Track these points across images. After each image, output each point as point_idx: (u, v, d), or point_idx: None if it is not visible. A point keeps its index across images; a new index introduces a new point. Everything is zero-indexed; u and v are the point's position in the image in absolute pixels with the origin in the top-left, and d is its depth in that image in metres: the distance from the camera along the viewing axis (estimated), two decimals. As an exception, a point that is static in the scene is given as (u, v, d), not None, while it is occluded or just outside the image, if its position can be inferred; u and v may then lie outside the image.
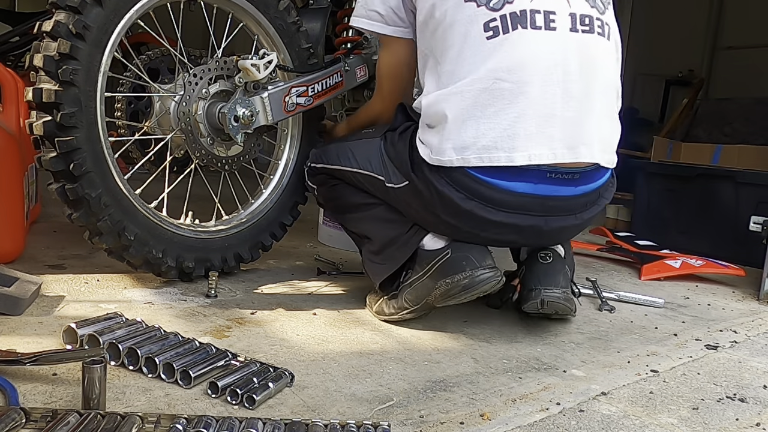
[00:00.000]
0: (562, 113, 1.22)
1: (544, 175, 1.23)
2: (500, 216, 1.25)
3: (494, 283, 1.27)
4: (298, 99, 1.60)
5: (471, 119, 1.21)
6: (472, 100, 1.21)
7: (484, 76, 1.21)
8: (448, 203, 1.25)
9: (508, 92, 1.20)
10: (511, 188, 1.23)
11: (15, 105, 1.80)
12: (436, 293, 1.30)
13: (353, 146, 1.47)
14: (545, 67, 1.21)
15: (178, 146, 1.55)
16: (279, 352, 1.15)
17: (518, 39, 1.21)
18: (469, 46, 1.23)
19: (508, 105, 1.20)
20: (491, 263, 1.29)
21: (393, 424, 0.91)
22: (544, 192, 1.24)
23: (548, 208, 1.27)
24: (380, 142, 1.41)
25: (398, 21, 1.41)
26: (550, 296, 1.32)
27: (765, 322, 1.71)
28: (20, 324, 1.16)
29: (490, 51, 1.21)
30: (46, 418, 0.81)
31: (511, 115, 1.20)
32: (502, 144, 1.20)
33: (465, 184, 1.24)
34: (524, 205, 1.25)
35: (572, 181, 1.26)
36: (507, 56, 1.21)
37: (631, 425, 0.99)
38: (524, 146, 1.20)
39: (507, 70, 1.20)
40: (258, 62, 1.50)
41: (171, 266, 1.45)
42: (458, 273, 1.27)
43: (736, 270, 2.19)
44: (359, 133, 1.53)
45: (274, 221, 1.71)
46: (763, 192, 2.45)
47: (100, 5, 1.28)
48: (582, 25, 1.25)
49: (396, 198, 1.37)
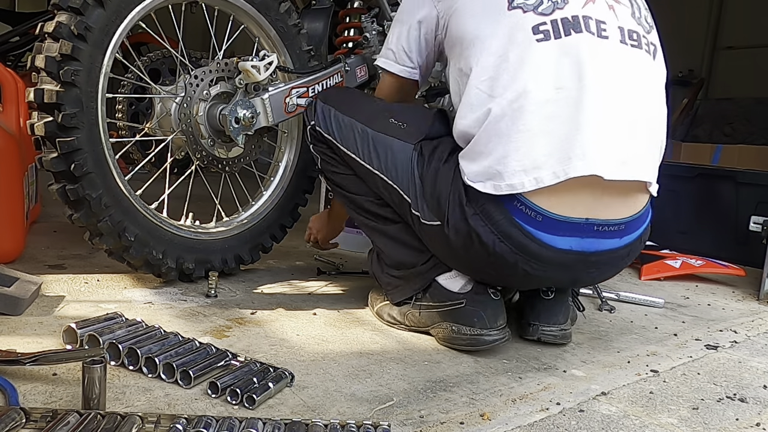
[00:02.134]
0: (617, 126, 1.14)
1: (591, 228, 1.14)
2: (540, 271, 1.19)
3: (499, 345, 1.24)
4: (298, 100, 1.60)
5: (540, 134, 1.11)
6: (537, 111, 1.11)
7: (543, 85, 1.12)
8: (491, 254, 1.16)
9: (573, 101, 1.11)
10: (556, 245, 1.14)
11: (15, 105, 1.80)
12: (439, 331, 1.28)
13: (377, 139, 1.31)
14: (600, 74, 1.13)
15: (179, 147, 1.55)
16: (279, 352, 1.15)
17: (572, 43, 1.13)
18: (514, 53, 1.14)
19: (574, 115, 1.11)
20: (502, 323, 1.25)
21: (393, 424, 0.91)
22: (589, 248, 1.16)
23: (590, 264, 1.20)
24: (413, 152, 1.26)
25: (407, 61, 1.39)
26: (547, 335, 1.32)
27: (765, 322, 1.71)
28: (20, 324, 1.16)
29: (542, 56, 1.13)
30: (46, 418, 0.81)
31: (574, 126, 1.11)
32: (569, 154, 1.10)
33: (513, 237, 1.14)
34: (566, 261, 1.17)
35: (618, 233, 1.18)
36: (565, 61, 1.12)
37: (631, 425, 0.99)
38: (583, 157, 1.10)
39: (568, 77, 1.12)
40: (258, 64, 1.50)
41: (171, 267, 1.46)
42: (466, 326, 1.24)
43: (736, 270, 2.19)
44: (384, 118, 1.34)
45: (275, 223, 1.71)
46: (763, 192, 2.44)
47: (102, 6, 1.28)
48: (630, 40, 1.18)
49: (421, 229, 1.26)
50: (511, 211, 1.13)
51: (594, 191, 1.13)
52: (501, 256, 1.16)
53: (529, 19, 1.15)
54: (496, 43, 1.16)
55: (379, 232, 1.38)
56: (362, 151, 1.32)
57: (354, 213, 1.43)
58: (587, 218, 1.13)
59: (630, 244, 1.22)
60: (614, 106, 1.14)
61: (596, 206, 1.14)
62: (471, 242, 1.17)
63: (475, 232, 1.15)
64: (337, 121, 1.38)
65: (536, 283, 1.31)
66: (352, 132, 1.34)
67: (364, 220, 1.40)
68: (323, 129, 1.40)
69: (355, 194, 1.39)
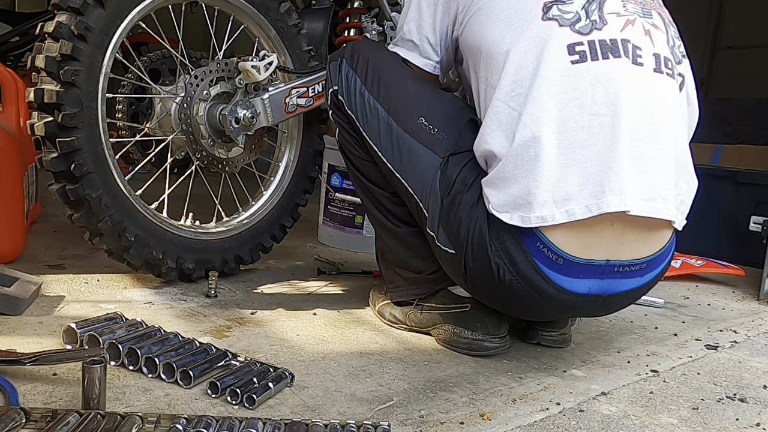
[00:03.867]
0: (649, 160, 1.06)
1: (611, 270, 1.09)
2: (553, 312, 1.19)
3: (498, 352, 1.24)
4: (298, 100, 1.60)
5: (573, 163, 1.03)
6: (572, 138, 1.03)
7: (578, 111, 1.04)
8: (505, 291, 1.11)
9: (608, 129, 1.03)
10: (574, 289, 1.08)
11: (15, 105, 1.80)
12: (440, 332, 1.28)
13: (403, 139, 1.20)
14: (634, 103, 1.05)
15: (179, 148, 1.55)
16: (279, 352, 1.15)
17: (609, 68, 1.05)
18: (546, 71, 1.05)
19: (609, 144, 1.03)
20: (504, 332, 1.24)
21: (393, 424, 0.91)
22: (608, 289, 1.11)
23: (606, 304, 1.16)
24: (438, 168, 1.17)
25: (431, 54, 1.30)
26: (547, 339, 1.32)
27: (765, 322, 1.71)
28: (20, 324, 1.16)
29: (578, 78, 1.05)
30: (46, 418, 0.81)
31: (609, 156, 1.03)
32: (604, 188, 1.03)
33: (531, 280, 1.08)
34: (582, 303, 1.12)
35: (639, 272, 1.12)
36: (601, 87, 1.04)
37: (631, 425, 0.99)
38: (619, 192, 1.03)
39: (604, 104, 1.04)
40: (258, 64, 1.50)
41: (171, 267, 1.46)
42: (467, 330, 1.23)
43: (736, 270, 2.20)
44: (414, 114, 1.21)
45: (275, 223, 1.71)
46: (763, 192, 2.44)
47: (102, 6, 1.28)
48: (665, 68, 1.11)
49: (434, 248, 1.20)
50: (532, 252, 1.06)
51: (616, 229, 1.06)
52: (515, 295, 1.11)
53: (564, 37, 1.06)
54: (528, 57, 1.07)
55: (388, 231, 1.32)
56: (385, 146, 1.22)
57: (366, 200, 1.35)
58: (608, 260, 1.07)
59: (650, 282, 1.17)
60: (647, 139, 1.06)
61: (618, 246, 1.07)
62: (487, 276, 1.11)
63: (493, 269, 1.09)
64: (362, 99, 1.26)
65: (544, 318, 1.31)
66: (377, 120, 1.24)
67: (376, 213, 1.33)
68: (345, 101, 1.29)
69: (372, 183, 1.31)
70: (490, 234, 1.09)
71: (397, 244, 1.32)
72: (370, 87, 1.25)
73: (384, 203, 1.31)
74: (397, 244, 1.32)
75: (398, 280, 1.34)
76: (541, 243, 1.06)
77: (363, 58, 1.29)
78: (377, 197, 1.31)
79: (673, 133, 1.11)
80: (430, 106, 1.23)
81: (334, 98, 1.32)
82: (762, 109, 3.59)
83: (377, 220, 1.34)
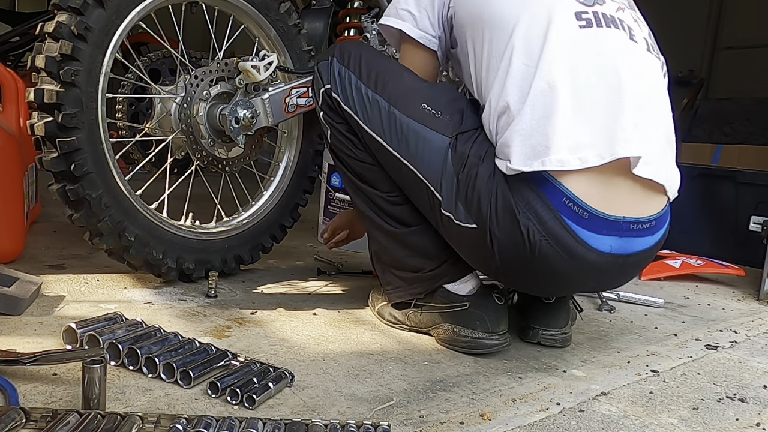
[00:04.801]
0: (644, 126, 1.13)
1: (627, 227, 1.12)
2: (577, 276, 1.16)
3: (499, 350, 1.25)
4: (298, 100, 1.60)
5: (585, 116, 1.09)
6: (583, 93, 1.10)
7: (587, 70, 1.11)
8: (534, 258, 1.11)
9: (614, 89, 1.10)
10: (598, 247, 1.11)
11: (15, 105, 1.80)
12: (440, 332, 1.28)
13: (408, 126, 1.19)
14: (635, 73, 1.14)
15: (179, 148, 1.55)
16: (279, 352, 1.15)
17: (612, 36, 1.14)
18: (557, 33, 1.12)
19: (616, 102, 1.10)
20: (504, 328, 1.24)
21: (393, 424, 0.91)
22: (627, 248, 1.14)
23: (625, 267, 1.18)
24: (448, 147, 1.17)
25: (428, 27, 1.29)
26: (547, 339, 1.32)
27: (765, 322, 1.71)
28: (20, 324, 1.16)
29: (587, 41, 1.12)
30: (46, 418, 0.81)
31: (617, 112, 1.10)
32: (613, 138, 1.09)
33: (560, 238, 1.09)
34: (605, 265, 1.14)
35: (650, 230, 1.16)
36: (605, 52, 1.12)
37: (631, 425, 0.99)
38: (626, 142, 1.09)
39: (610, 67, 1.11)
40: (258, 64, 1.50)
41: (171, 267, 1.46)
42: (467, 329, 1.23)
43: (736, 270, 2.20)
44: (416, 101, 1.21)
45: (275, 223, 1.71)
46: (763, 192, 2.45)
47: (102, 7, 1.28)
48: (654, 52, 1.21)
49: (449, 230, 1.19)
50: (558, 208, 1.09)
51: (627, 186, 1.11)
52: (544, 260, 1.11)
53: (571, 5, 1.15)
54: (537, 21, 1.13)
55: (384, 232, 1.30)
56: (389, 136, 1.20)
57: (361, 203, 1.33)
58: (624, 216, 1.11)
59: (659, 241, 1.20)
60: (647, 108, 1.14)
61: (630, 202, 1.12)
62: (515, 243, 1.11)
63: (522, 232, 1.09)
64: (359, 93, 1.24)
65: (568, 290, 1.31)
66: (378, 111, 1.22)
67: (372, 215, 1.31)
68: (342, 98, 1.25)
69: (367, 185, 1.29)
70: (514, 198, 1.10)
71: (393, 244, 1.30)
72: (366, 81, 1.24)
73: (380, 204, 1.29)
74: (393, 244, 1.30)
75: (396, 281, 1.34)
76: (566, 198, 1.08)
77: (354, 55, 1.28)
78: (372, 199, 1.30)
79: (665, 109, 1.19)
80: (430, 93, 1.23)
81: (327, 98, 1.28)
82: (762, 109, 3.59)
83: (372, 222, 1.32)
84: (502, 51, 1.14)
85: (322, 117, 1.31)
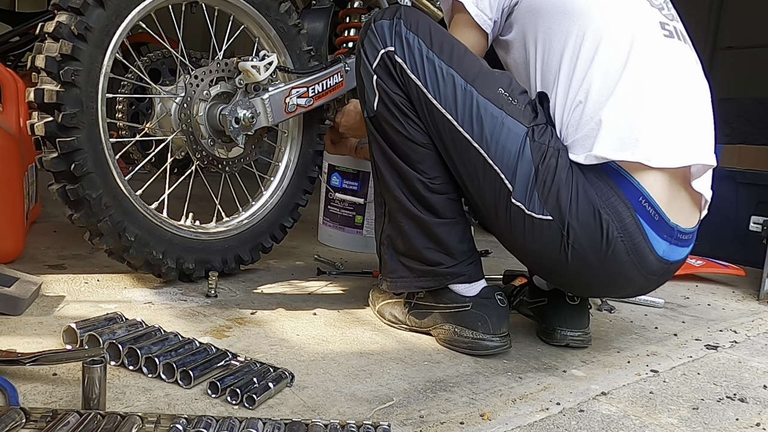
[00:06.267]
0: (706, 139, 1.20)
1: (676, 235, 1.16)
2: (633, 281, 1.18)
3: (499, 352, 1.24)
4: (298, 100, 1.60)
5: (667, 119, 1.14)
6: (667, 97, 1.15)
7: (669, 77, 1.16)
8: (605, 255, 1.11)
9: (688, 99, 1.19)
10: (656, 249, 1.14)
11: (15, 105, 1.80)
12: (441, 332, 1.28)
13: (486, 107, 1.13)
14: (702, 87, 1.23)
15: (179, 148, 1.55)
16: (279, 352, 1.15)
17: (686, 52, 1.22)
18: (645, 37, 1.16)
19: (690, 111, 1.18)
20: (505, 330, 1.24)
21: (393, 424, 0.91)
22: (672, 256, 1.17)
23: (665, 275, 1.21)
24: (525, 136, 1.12)
25: (487, 8, 1.24)
26: (575, 340, 1.33)
27: (765, 322, 1.71)
28: (20, 324, 1.16)
29: (669, 50, 1.18)
30: (46, 418, 0.81)
31: (691, 120, 1.17)
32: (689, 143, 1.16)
33: (634, 237, 1.12)
34: (657, 271, 1.18)
35: (688, 242, 1.20)
36: (682, 62, 1.20)
37: (631, 425, 0.99)
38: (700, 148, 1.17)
39: (684, 77, 1.19)
40: (258, 64, 1.50)
41: (171, 267, 1.46)
42: (468, 329, 1.23)
43: (736, 270, 2.20)
44: (492, 83, 1.15)
45: (275, 223, 1.71)
46: (763, 192, 2.45)
47: (102, 7, 1.28)
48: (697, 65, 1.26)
49: (514, 221, 1.14)
50: (635, 206, 1.10)
51: (684, 195, 1.17)
52: (613, 257, 1.12)
53: (656, 14, 1.20)
54: (623, 23, 1.16)
55: (411, 218, 1.23)
56: (461, 115, 1.13)
57: (392, 183, 1.23)
58: (677, 224, 1.15)
59: (688, 255, 1.24)
60: (710, 121, 1.22)
61: (681, 212, 1.16)
62: (592, 237, 1.10)
63: (603, 227, 1.09)
64: (431, 64, 1.15)
65: (618, 292, 1.33)
66: (453, 87, 1.14)
67: (402, 197, 1.22)
68: (408, 65, 1.16)
69: (409, 166, 1.20)
70: (596, 192, 1.11)
71: (417, 233, 1.23)
72: (439, 52, 1.16)
73: (416, 188, 1.20)
74: (417, 233, 1.23)
75: (402, 271, 1.29)
76: (642, 197, 1.11)
77: (422, 23, 1.19)
78: (409, 180, 1.21)
79: (711, 120, 1.24)
80: (506, 79, 1.18)
81: (388, 61, 1.18)
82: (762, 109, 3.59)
83: (400, 205, 1.23)
84: (579, 44, 1.15)
85: (375, 82, 1.20)
